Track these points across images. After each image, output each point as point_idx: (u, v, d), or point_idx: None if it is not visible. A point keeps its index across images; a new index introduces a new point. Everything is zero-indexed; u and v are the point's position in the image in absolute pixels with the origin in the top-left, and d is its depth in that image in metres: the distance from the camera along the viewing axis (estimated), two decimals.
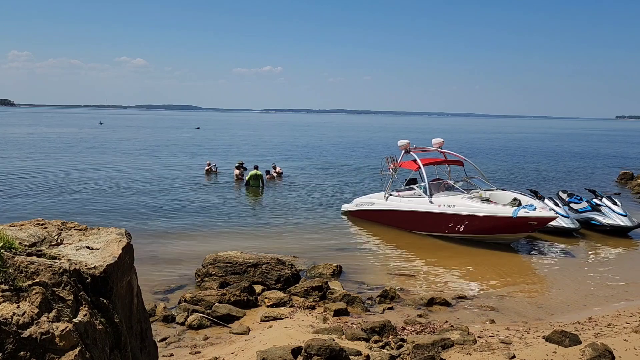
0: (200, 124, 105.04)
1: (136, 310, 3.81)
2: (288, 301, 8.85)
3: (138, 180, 23.21)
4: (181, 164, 30.03)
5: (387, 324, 7.32)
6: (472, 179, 15.20)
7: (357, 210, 16.38)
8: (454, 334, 7.14)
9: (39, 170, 25.69)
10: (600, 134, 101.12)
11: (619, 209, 14.72)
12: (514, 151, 47.75)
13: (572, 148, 54.51)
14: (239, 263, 9.87)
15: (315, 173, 27.45)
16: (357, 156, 38.61)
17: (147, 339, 3.98)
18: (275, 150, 42.02)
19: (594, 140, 75.86)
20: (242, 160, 26.27)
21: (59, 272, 3.02)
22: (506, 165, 33.49)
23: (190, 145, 46.47)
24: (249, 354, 6.41)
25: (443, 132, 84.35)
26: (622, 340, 6.76)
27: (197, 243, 12.88)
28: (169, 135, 65.37)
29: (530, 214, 12.26)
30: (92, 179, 22.96)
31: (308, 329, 7.44)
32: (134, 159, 32.74)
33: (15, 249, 3.19)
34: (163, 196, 19.41)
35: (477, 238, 13.20)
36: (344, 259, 11.57)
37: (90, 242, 3.65)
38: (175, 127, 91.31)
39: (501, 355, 6.27)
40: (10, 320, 2.69)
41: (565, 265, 11.91)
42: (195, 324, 7.78)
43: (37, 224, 3.76)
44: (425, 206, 13.98)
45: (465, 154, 17.64)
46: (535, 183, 24.14)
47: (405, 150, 15.70)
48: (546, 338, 6.73)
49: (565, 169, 32.18)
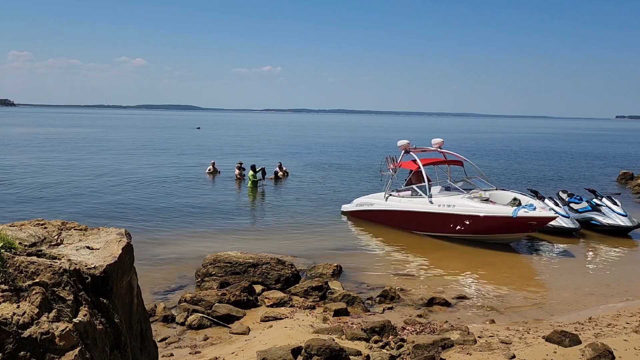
0: (200, 124, 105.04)
1: (136, 310, 3.81)
2: (288, 301, 8.85)
3: (138, 180, 23.20)
4: (181, 164, 30.03)
5: (387, 324, 7.32)
6: (472, 179, 15.20)
7: (357, 211, 16.38)
8: (454, 334, 7.13)
9: (39, 170, 25.69)
10: (600, 134, 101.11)
11: (619, 209, 14.72)
12: (514, 151, 47.74)
13: (572, 148, 54.51)
14: (239, 263, 9.87)
15: (315, 173, 27.44)
16: (357, 156, 38.60)
17: (147, 339, 3.98)
18: (275, 151, 42.01)
19: (594, 140, 75.86)
20: (242, 160, 26.33)
21: (59, 272, 3.02)
22: (506, 165, 33.49)
23: (190, 145, 46.47)
24: (249, 354, 6.40)
25: (443, 132, 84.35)
26: (622, 340, 6.76)
27: (197, 243, 12.87)
28: (169, 135, 65.36)
29: (530, 214, 12.26)
30: (92, 179, 22.97)
31: (308, 329, 7.44)
32: (134, 158, 32.73)
33: (15, 249, 3.19)
34: (163, 196, 19.41)
35: (477, 238, 13.20)
36: (344, 259, 11.57)
37: (90, 242, 3.65)
38: (175, 127, 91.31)
39: (501, 355, 6.27)
40: (10, 320, 2.69)
41: (565, 265, 11.91)
42: (195, 324, 7.78)
43: (37, 224, 3.76)
44: (425, 206, 13.98)
45: (465, 154, 17.65)
46: (535, 183, 24.14)
47: (405, 150, 15.70)
48: (546, 338, 6.73)
49: (565, 169, 32.17)
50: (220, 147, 44.60)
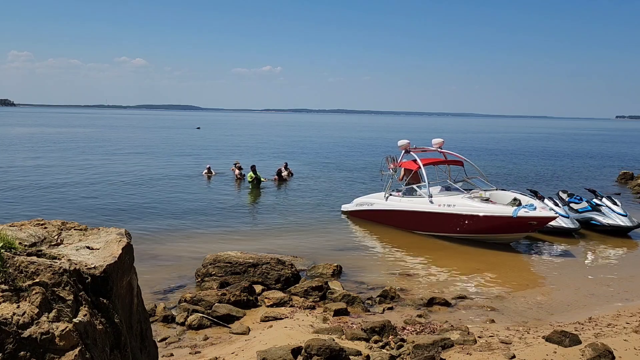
0: (200, 124, 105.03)
1: (136, 310, 3.81)
2: (288, 301, 8.85)
3: (138, 180, 23.20)
4: (182, 164, 30.03)
5: (387, 324, 7.32)
6: (472, 179, 15.20)
7: (357, 211, 16.38)
8: (454, 334, 7.14)
9: (40, 170, 25.70)
10: (600, 134, 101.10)
11: (619, 209, 14.72)
12: (514, 151, 47.74)
13: (572, 148, 54.51)
14: (239, 263, 9.87)
15: (315, 173, 27.44)
16: (357, 156, 38.61)
17: (147, 339, 3.98)
18: (275, 151, 42.01)
19: (594, 140, 75.85)
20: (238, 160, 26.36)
21: (59, 272, 3.02)
22: (506, 165, 33.48)
23: (190, 145, 46.46)
24: (249, 354, 6.41)
25: (443, 132, 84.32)
26: (622, 340, 6.76)
27: (197, 243, 12.87)
28: (169, 135, 65.35)
29: (530, 214, 12.26)
30: (92, 179, 22.96)
31: (308, 329, 7.44)
32: (134, 158, 32.73)
33: (15, 249, 3.19)
34: (163, 196, 19.41)
35: (477, 238, 13.20)
36: (344, 259, 11.57)
37: (90, 242, 3.65)
38: (175, 127, 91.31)
39: (501, 355, 6.27)
40: (10, 320, 2.69)
41: (565, 265, 11.91)
42: (195, 324, 7.78)
43: (37, 224, 3.76)
44: (425, 206, 13.97)
45: (465, 154, 17.64)
46: (535, 183, 24.14)
47: (405, 150, 15.71)
48: (546, 338, 6.73)
49: (565, 169, 32.17)
50: (221, 148, 44.60)
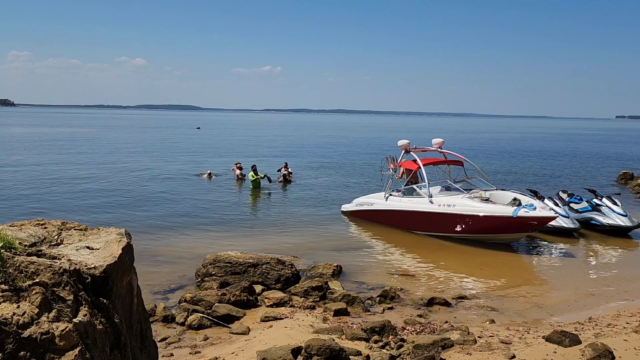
0: (200, 124, 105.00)
1: (136, 310, 3.81)
2: (288, 301, 8.85)
3: (138, 180, 23.21)
4: (182, 164, 30.03)
5: (387, 324, 7.32)
6: (472, 179, 15.20)
7: (357, 211, 16.38)
8: (454, 334, 7.13)
9: (40, 170, 25.69)
10: (600, 134, 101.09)
11: (619, 209, 14.72)
12: (514, 151, 47.74)
13: (572, 148, 54.51)
14: (239, 263, 9.87)
15: (315, 173, 27.44)
16: (357, 156, 38.60)
17: (147, 339, 3.98)
18: (275, 151, 41.99)
19: (594, 140, 75.84)
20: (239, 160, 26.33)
21: (59, 272, 3.02)
22: (506, 165, 33.48)
23: (190, 146, 46.46)
24: (249, 354, 6.40)
25: (443, 132, 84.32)
26: (622, 340, 6.76)
27: (197, 243, 12.88)
28: (169, 135, 65.35)
29: (530, 214, 12.26)
30: (92, 179, 22.97)
31: (308, 329, 7.44)
32: (134, 159, 32.72)
33: (15, 249, 3.19)
34: (164, 196, 19.41)
35: (477, 238, 13.20)
36: (344, 259, 11.57)
37: (90, 242, 3.65)
38: (175, 127, 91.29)
39: (501, 355, 6.27)
40: (10, 320, 2.69)
41: (565, 265, 11.91)
42: (195, 324, 7.78)
43: (37, 224, 3.76)
44: (425, 206, 13.97)
45: (465, 154, 17.65)
46: (535, 183, 24.14)
47: (405, 150, 15.71)
48: (546, 338, 6.73)
49: (565, 169, 32.17)
50: (221, 148, 44.60)
